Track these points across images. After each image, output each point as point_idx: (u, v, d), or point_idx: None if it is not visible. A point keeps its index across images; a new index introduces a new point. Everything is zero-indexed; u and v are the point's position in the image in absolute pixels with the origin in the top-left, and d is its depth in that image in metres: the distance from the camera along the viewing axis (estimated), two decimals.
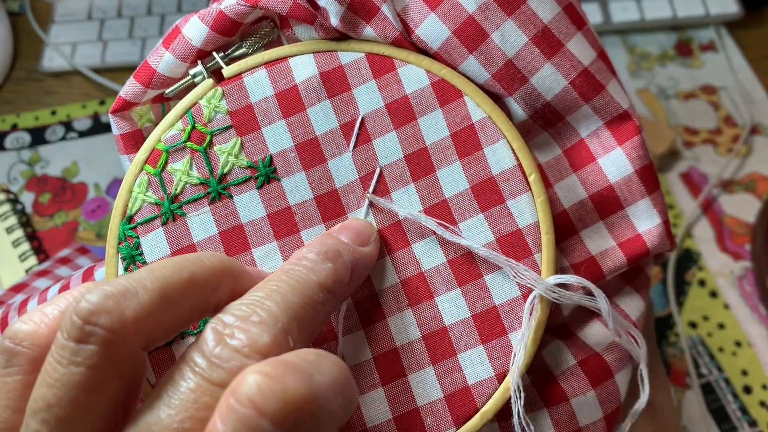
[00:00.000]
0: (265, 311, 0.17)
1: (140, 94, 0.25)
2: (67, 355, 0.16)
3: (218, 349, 0.16)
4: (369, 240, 0.22)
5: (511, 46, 0.23)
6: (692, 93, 0.55)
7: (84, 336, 0.16)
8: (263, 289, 0.18)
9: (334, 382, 0.16)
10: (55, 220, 0.51)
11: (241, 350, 0.16)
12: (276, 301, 0.18)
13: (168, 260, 0.18)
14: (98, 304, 0.16)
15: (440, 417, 0.22)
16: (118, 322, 0.16)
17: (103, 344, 0.16)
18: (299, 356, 0.16)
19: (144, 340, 0.17)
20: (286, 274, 0.19)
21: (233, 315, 0.17)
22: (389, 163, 0.23)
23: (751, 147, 0.52)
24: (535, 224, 0.22)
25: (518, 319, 0.22)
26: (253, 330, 0.17)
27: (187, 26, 0.25)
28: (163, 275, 0.17)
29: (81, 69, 0.57)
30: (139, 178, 0.24)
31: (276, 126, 0.24)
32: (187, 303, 0.18)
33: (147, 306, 0.17)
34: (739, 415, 0.42)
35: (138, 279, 0.17)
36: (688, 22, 0.58)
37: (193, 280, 0.18)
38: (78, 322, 0.16)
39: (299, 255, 0.20)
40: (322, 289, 0.19)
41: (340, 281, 0.20)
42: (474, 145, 0.23)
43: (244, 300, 0.18)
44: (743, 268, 0.46)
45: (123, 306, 0.16)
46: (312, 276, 0.19)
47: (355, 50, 0.24)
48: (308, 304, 0.18)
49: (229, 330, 0.17)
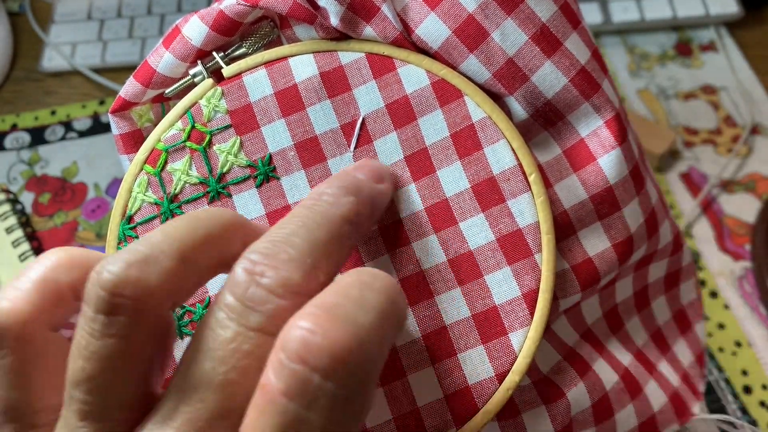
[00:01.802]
0: (294, 248, 0.17)
1: (140, 94, 0.25)
2: (98, 327, 0.16)
3: (251, 290, 0.16)
4: (384, 177, 0.22)
5: (511, 45, 0.23)
6: (692, 93, 0.55)
7: (112, 308, 0.16)
8: (288, 225, 0.18)
9: (380, 314, 0.16)
10: (55, 220, 0.51)
11: (275, 290, 0.16)
12: (303, 237, 0.17)
13: (179, 220, 0.18)
14: (121, 274, 0.16)
15: (440, 417, 0.22)
16: (144, 291, 0.16)
17: (132, 314, 0.16)
18: (342, 294, 0.16)
19: (170, 303, 0.17)
20: (309, 210, 0.19)
21: (260, 253, 0.17)
22: (390, 164, 0.23)
23: (752, 147, 0.52)
24: (535, 224, 0.22)
25: (518, 319, 0.22)
26: (283, 268, 0.16)
27: (187, 26, 0.25)
28: (180, 237, 0.17)
29: (81, 69, 0.57)
30: (139, 178, 0.24)
31: (275, 125, 0.24)
32: (204, 260, 0.18)
33: (169, 270, 0.17)
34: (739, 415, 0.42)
35: (155, 244, 0.17)
36: (688, 22, 0.58)
37: (209, 236, 0.18)
38: (103, 294, 0.16)
39: (318, 191, 0.19)
40: (346, 222, 0.19)
41: (363, 214, 0.19)
42: (474, 145, 0.23)
43: (270, 236, 0.17)
44: (743, 268, 0.46)
45: (146, 274, 0.16)
46: (335, 209, 0.19)
47: (355, 50, 0.24)
48: (334, 237, 0.18)
49: (260, 268, 0.16)
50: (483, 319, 0.22)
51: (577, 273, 0.24)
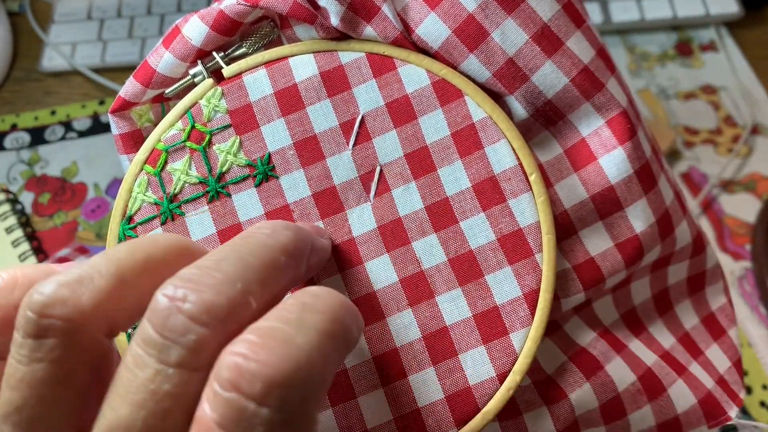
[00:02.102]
0: (221, 272, 0.16)
1: (140, 94, 0.25)
2: (26, 352, 0.15)
3: (171, 318, 0.15)
4: (324, 234, 0.21)
5: (511, 44, 0.23)
6: (692, 93, 0.55)
7: (41, 330, 0.15)
8: (219, 252, 0.17)
9: (321, 335, 0.15)
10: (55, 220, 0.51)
11: (198, 317, 0.15)
12: (233, 262, 0.16)
13: (123, 244, 0.17)
14: (52, 295, 0.15)
15: (441, 417, 0.22)
16: (74, 310, 0.15)
17: (62, 335, 0.15)
18: (279, 318, 0.15)
19: (106, 327, 0.16)
20: (243, 239, 0.17)
21: (184, 278, 0.15)
22: (389, 162, 0.23)
23: (752, 147, 0.52)
24: (536, 224, 0.22)
25: (519, 319, 0.22)
26: (207, 292, 0.15)
27: (187, 26, 0.25)
28: (118, 258, 0.16)
29: (81, 69, 0.57)
30: (139, 178, 0.24)
31: (275, 124, 0.24)
32: (146, 283, 0.16)
33: (103, 291, 0.16)
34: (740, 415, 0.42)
35: (92, 264, 0.16)
36: (688, 22, 0.58)
37: (149, 260, 0.17)
38: (33, 317, 0.15)
39: (256, 225, 0.19)
40: (283, 253, 0.17)
41: (301, 251, 0.18)
42: (475, 145, 0.23)
43: (197, 262, 0.16)
44: (743, 268, 0.46)
45: (79, 293, 0.15)
46: (271, 240, 0.17)
47: (356, 50, 0.24)
48: (269, 266, 0.17)
49: (181, 292, 0.15)
50: (484, 319, 0.22)
51: (579, 273, 0.24)
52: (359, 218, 0.23)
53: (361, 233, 0.23)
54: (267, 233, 0.18)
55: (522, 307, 0.22)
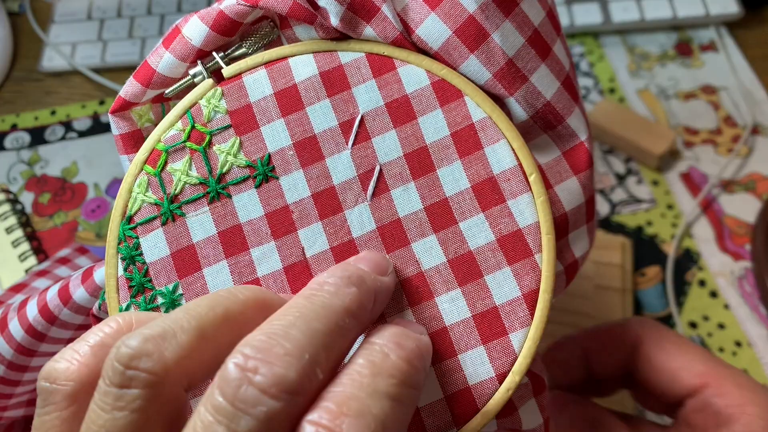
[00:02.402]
0: (290, 341, 0.16)
1: (140, 94, 0.25)
2: (110, 400, 0.16)
3: (242, 389, 0.15)
4: (387, 271, 0.21)
5: (511, 46, 0.23)
6: (692, 93, 0.55)
7: (126, 381, 0.16)
8: (285, 316, 0.17)
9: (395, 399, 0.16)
10: (55, 220, 0.51)
11: (268, 390, 0.15)
12: (300, 329, 0.17)
13: (202, 297, 0.18)
14: (138, 348, 0.16)
15: (441, 417, 0.22)
16: (158, 364, 0.16)
17: (145, 387, 0.16)
18: (353, 381, 0.16)
19: (186, 381, 0.17)
20: (308, 300, 0.18)
21: (254, 347, 0.16)
22: (389, 161, 0.23)
23: (752, 147, 0.52)
24: (535, 224, 0.22)
25: (518, 320, 0.22)
26: (278, 364, 0.15)
27: (186, 26, 0.25)
28: (198, 313, 0.17)
29: (81, 69, 0.57)
30: (139, 178, 0.24)
31: (275, 124, 0.24)
32: (224, 338, 0.17)
33: (186, 346, 0.16)
34: None
35: (175, 319, 0.17)
36: (688, 22, 0.58)
37: (228, 314, 0.18)
38: (119, 368, 0.16)
39: (319, 280, 0.19)
40: (348, 314, 0.18)
41: (364, 307, 0.19)
42: (474, 145, 0.23)
43: (265, 329, 0.17)
44: (743, 268, 0.46)
45: (163, 348, 0.16)
46: (336, 300, 0.18)
47: (355, 50, 0.24)
48: (334, 330, 0.17)
49: (252, 363, 0.15)
50: (483, 320, 0.22)
51: (567, 273, 0.24)
52: (358, 219, 0.23)
53: (361, 234, 0.23)
54: (331, 291, 0.18)
55: (521, 308, 0.22)
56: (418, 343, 0.19)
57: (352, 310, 0.18)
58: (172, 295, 0.23)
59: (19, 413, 0.35)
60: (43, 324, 0.28)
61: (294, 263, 0.23)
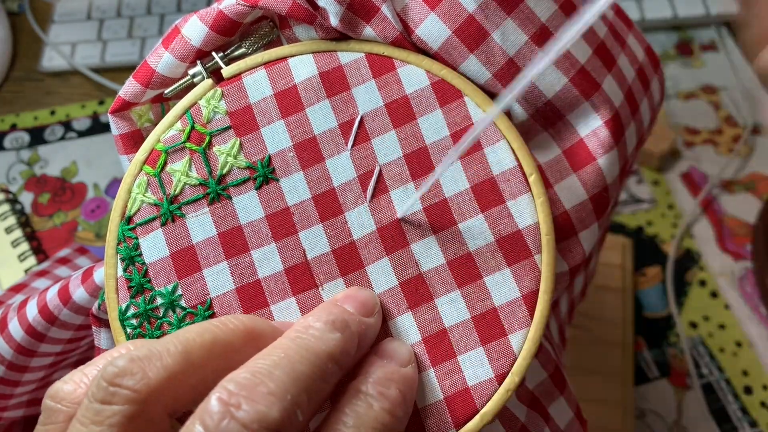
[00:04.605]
0: (274, 381, 0.16)
1: (139, 94, 0.25)
2: (90, 415, 0.16)
3: (224, 423, 0.15)
4: (374, 311, 0.21)
5: (511, 45, 0.23)
6: (693, 93, 0.55)
7: (108, 397, 0.16)
8: (270, 356, 0.18)
9: None
10: (55, 220, 0.51)
11: (250, 425, 0.15)
12: (284, 369, 0.17)
13: (193, 325, 0.18)
14: (123, 367, 0.16)
15: (440, 418, 0.22)
16: (140, 382, 0.16)
17: (126, 403, 0.16)
18: None
19: (170, 405, 0.17)
20: (294, 342, 0.18)
21: (238, 383, 0.16)
22: (388, 162, 0.23)
23: (752, 147, 0.51)
24: (535, 225, 0.22)
25: (518, 321, 0.22)
26: (261, 402, 0.16)
27: (186, 26, 0.25)
28: (186, 339, 0.18)
29: (80, 69, 0.57)
30: (138, 178, 0.24)
31: (275, 126, 0.24)
32: (211, 365, 0.18)
33: (170, 368, 0.17)
34: (740, 415, 0.42)
35: (163, 343, 0.17)
36: (688, 22, 0.58)
37: (216, 341, 0.18)
38: (104, 384, 0.16)
39: (305, 323, 0.19)
40: (331, 360, 0.18)
41: (348, 353, 0.19)
42: (474, 145, 0.23)
43: (250, 366, 0.17)
44: (744, 269, 0.46)
45: (147, 368, 0.16)
46: (320, 345, 0.18)
47: (355, 50, 0.24)
48: (317, 374, 0.18)
49: (235, 399, 0.16)
50: (482, 321, 0.22)
51: (572, 273, 0.24)
52: (358, 220, 0.23)
53: (361, 236, 0.23)
54: (316, 336, 0.19)
55: (521, 309, 0.22)
56: (402, 386, 0.19)
57: (335, 356, 0.18)
58: (172, 295, 0.23)
59: (18, 413, 0.35)
60: (42, 324, 0.28)
61: (295, 265, 0.23)
